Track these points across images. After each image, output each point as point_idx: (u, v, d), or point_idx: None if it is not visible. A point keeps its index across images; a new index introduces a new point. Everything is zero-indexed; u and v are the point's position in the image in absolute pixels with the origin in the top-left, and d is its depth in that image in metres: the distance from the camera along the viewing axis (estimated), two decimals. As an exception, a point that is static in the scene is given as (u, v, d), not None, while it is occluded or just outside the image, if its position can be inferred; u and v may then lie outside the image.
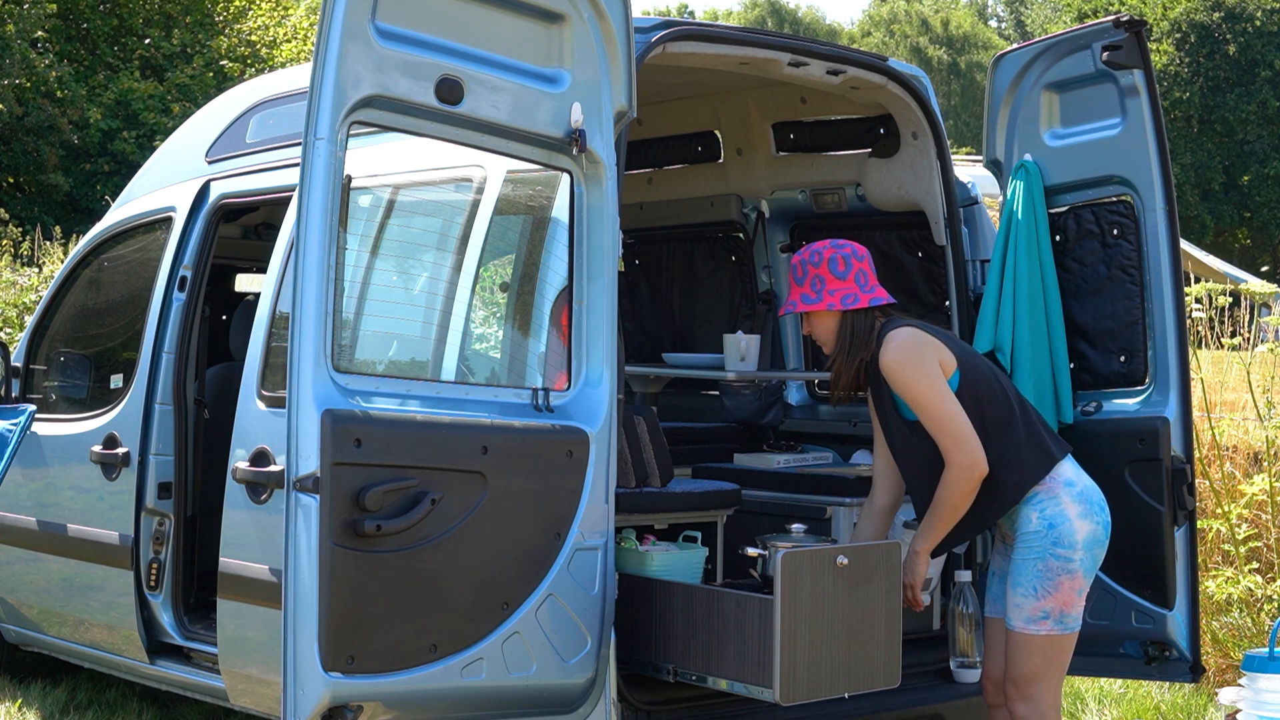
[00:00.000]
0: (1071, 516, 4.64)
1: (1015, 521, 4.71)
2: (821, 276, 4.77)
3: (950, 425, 4.60)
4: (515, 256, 5.00)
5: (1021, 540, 4.68)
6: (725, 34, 5.49)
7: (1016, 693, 4.72)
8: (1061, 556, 4.62)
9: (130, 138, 23.50)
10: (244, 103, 6.17)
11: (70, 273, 6.79)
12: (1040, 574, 4.63)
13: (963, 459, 4.59)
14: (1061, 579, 4.63)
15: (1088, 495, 4.69)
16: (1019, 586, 4.67)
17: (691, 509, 5.44)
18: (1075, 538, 4.63)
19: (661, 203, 7.26)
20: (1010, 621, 4.71)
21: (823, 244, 4.82)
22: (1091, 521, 4.66)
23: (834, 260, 4.77)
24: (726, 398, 7.08)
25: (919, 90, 5.84)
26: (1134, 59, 5.36)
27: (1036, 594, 4.64)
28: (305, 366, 4.06)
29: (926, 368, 4.63)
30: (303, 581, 4.00)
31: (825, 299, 4.76)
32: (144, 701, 6.78)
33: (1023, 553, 4.67)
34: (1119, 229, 5.46)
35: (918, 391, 4.62)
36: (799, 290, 4.81)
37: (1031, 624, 4.66)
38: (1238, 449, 7.95)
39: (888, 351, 4.67)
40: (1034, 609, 4.65)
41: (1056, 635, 4.67)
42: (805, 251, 4.82)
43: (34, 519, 6.43)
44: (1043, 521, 4.65)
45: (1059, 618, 4.65)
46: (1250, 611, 7.11)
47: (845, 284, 4.75)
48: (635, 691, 4.70)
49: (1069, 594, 4.64)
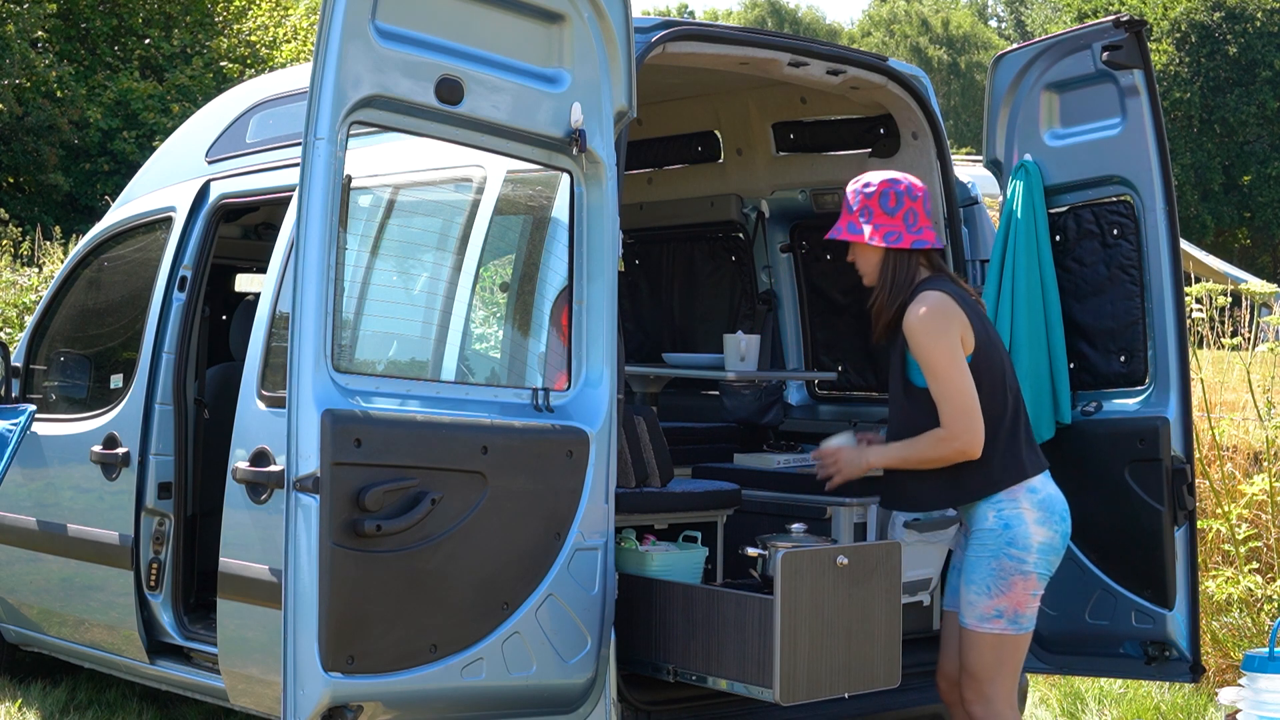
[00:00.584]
0: (1028, 520, 4.61)
1: (972, 516, 4.69)
2: (870, 209, 4.72)
3: (958, 397, 4.56)
4: (515, 256, 5.00)
5: (976, 537, 4.66)
6: (725, 34, 5.49)
7: (973, 694, 4.69)
8: (1015, 557, 4.60)
9: (130, 138, 23.50)
10: (244, 103, 6.17)
11: (70, 273, 6.79)
12: (994, 573, 4.61)
13: (961, 431, 4.56)
14: (1015, 579, 4.60)
15: (1049, 504, 4.65)
16: (972, 584, 4.65)
17: (691, 509, 5.43)
18: (1030, 541, 4.60)
19: (661, 203, 7.26)
20: (963, 618, 4.68)
21: (876, 175, 4.78)
22: (1049, 529, 4.63)
23: (885, 195, 4.71)
24: (726, 398, 7.08)
25: (919, 90, 5.85)
26: (1134, 59, 5.36)
27: (990, 592, 4.61)
28: (305, 366, 4.06)
29: (950, 337, 4.60)
30: (303, 581, 4.00)
31: (870, 234, 4.71)
32: (144, 701, 6.78)
33: (977, 550, 4.65)
34: (1119, 229, 5.46)
35: (935, 358, 4.58)
36: (847, 218, 4.76)
37: (985, 622, 4.63)
38: (1238, 449, 7.95)
39: (914, 312, 4.63)
40: (987, 607, 4.63)
41: (1010, 635, 4.64)
42: (858, 182, 4.78)
43: (34, 519, 6.43)
44: (999, 521, 4.62)
45: (1013, 617, 4.63)
46: (1250, 611, 7.11)
47: (893, 221, 4.70)
48: (635, 691, 4.70)
49: (1022, 594, 4.62)
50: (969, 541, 4.69)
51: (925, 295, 4.65)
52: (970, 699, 4.70)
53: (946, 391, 4.57)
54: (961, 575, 4.70)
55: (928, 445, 4.62)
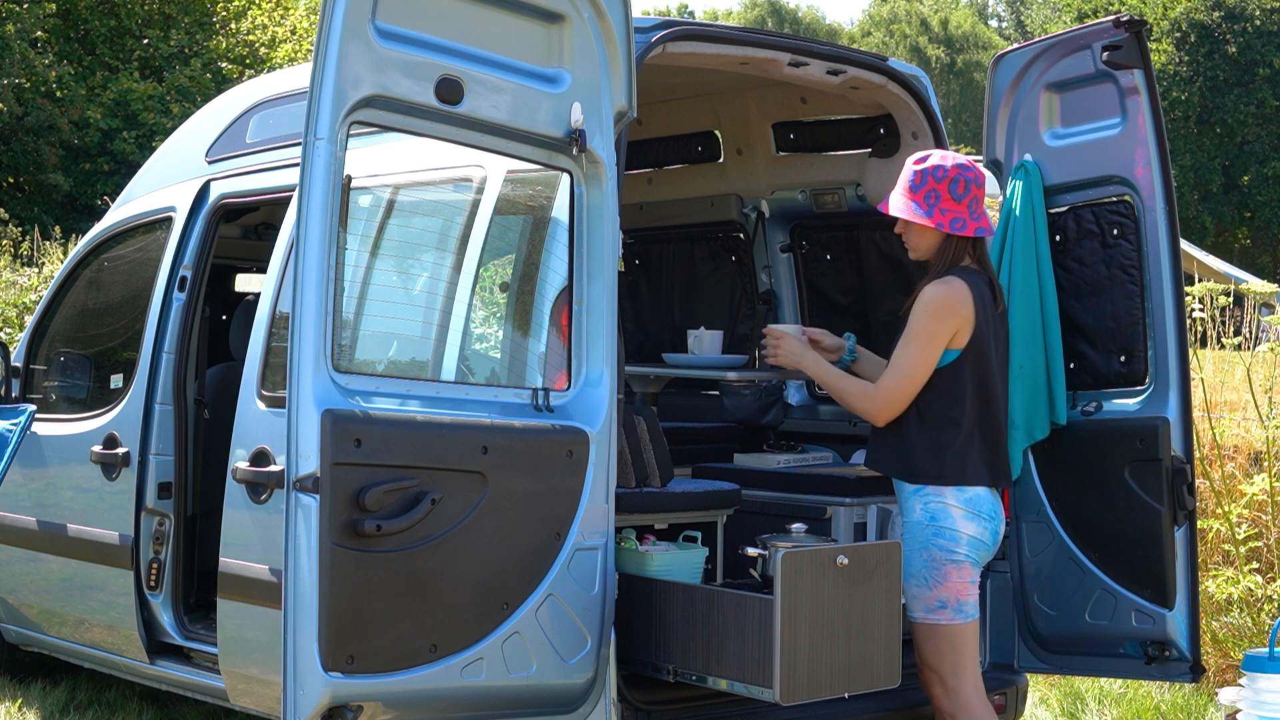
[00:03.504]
0: (955, 515, 4.75)
1: (903, 508, 4.85)
2: (938, 192, 4.80)
3: (905, 378, 4.76)
4: (515, 256, 5.00)
5: (907, 530, 4.81)
6: (725, 34, 5.49)
7: (938, 688, 4.81)
8: (944, 548, 4.73)
9: (130, 137, 23.51)
10: (244, 103, 6.17)
11: (70, 273, 6.79)
12: (927, 564, 4.74)
13: (884, 401, 4.78)
14: (948, 568, 4.73)
15: (976, 502, 4.79)
16: (911, 577, 4.77)
17: (691, 509, 5.43)
18: (959, 533, 4.74)
19: (661, 203, 7.25)
20: (911, 612, 4.80)
21: (948, 158, 4.86)
22: (978, 525, 4.77)
23: (955, 181, 4.80)
24: (726, 398, 7.08)
25: (919, 90, 5.84)
26: (1134, 59, 5.36)
27: (928, 584, 4.75)
28: (305, 366, 4.06)
29: (943, 329, 4.75)
30: (303, 581, 4.00)
31: (936, 216, 4.80)
32: (144, 701, 6.78)
33: (909, 543, 4.79)
34: (1119, 229, 5.46)
35: (917, 335, 4.75)
36: (911, 197, 4.84)
37: (931, 614, 4.77)
38: (1238, 449, 7.94)
39: (932, 288, 4.78)
40: (929, 599, 4.76)
41: (958, 624, 4.76)
42: (928, 163, 4.84)
43: (34, 519, 6.43)
44: (925, 514, 4.76)
45: (956, 606, 4.75)
46: (1250, 611, 7.11)
47: (959, 208, 4.81)
48: (635, 691, 4.70)
49: (959, 583, 4.74)
50: (903, 535, 4.83)
51: (952, 280, 4.79)
52: (936, 694, 4.83)
53: (902, 365, 4.77)
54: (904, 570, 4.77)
55: (853, 388, 4.88)
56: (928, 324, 4.75)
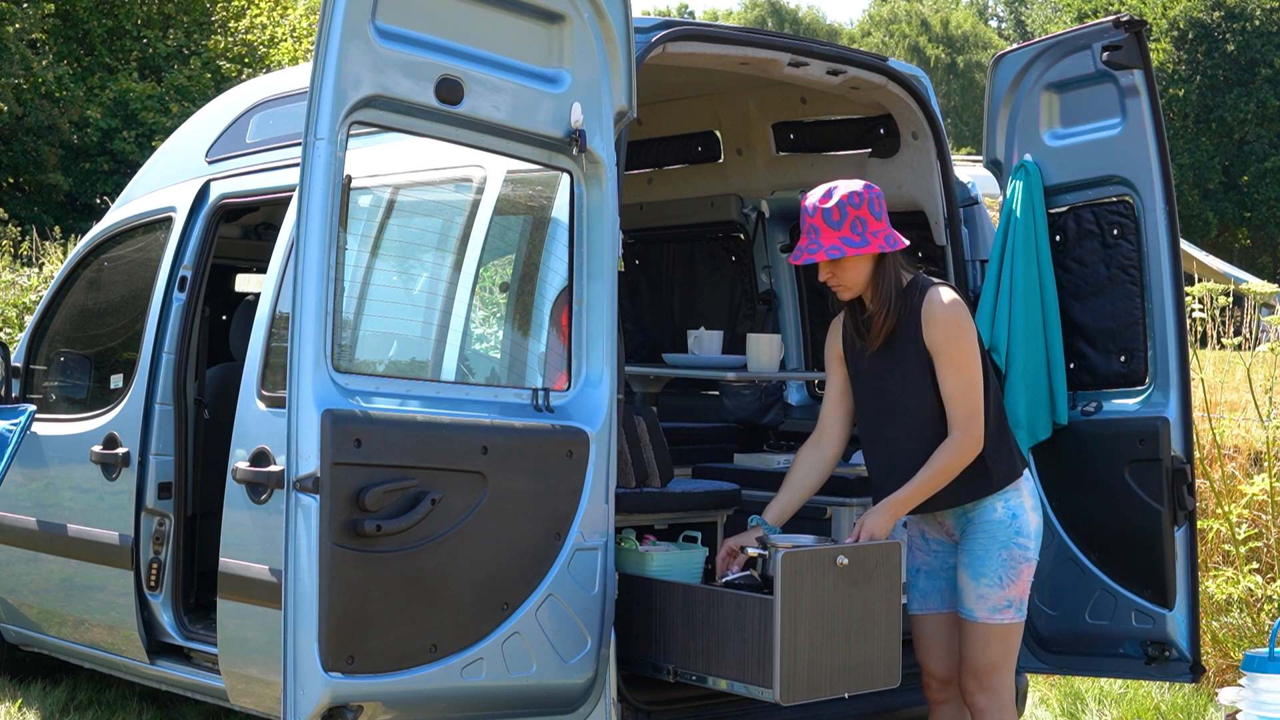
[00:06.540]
0: (1027, 508, 4.69)
1: (977, 511, 4.68)
2: (862, 219, 4.57)
3: (976, 395, 4.57)
4: (515, 256, 5.00)
5: (984, 530, 4.66)
6: (725, 34, 5.49)
7: (976, 685, 4.70)
8: (1022, 545, 4.66)
9: (130, 137, 23.50)
10: (244, 103, 6.16)
11: (70, 273, 6.79)
12: (1005, 563, 4.65)
13: (974, 431, 4.56)
14: (1023, 567, 4.66)
15: (1035, 490, 4.79)
16: (984, 577, 4.65)
17: (691, 509, 5.44)
18: (1030, 528, 4.69)
19: (661, 203, 7.26)
20: (973, 614, 4.68)
21: (847, 184, 4.61)
22: (1039, 515, 4.74)
23: (871, 201, 4.57)
24: (726, 398, 7.08)
25: (919, 90, 5.84)
26: (1134, 59, 5.36)
27: (1002, 583, 4.65)
28: (305, 366, 4.06)
29: (973, 336, 4.63)
30: (303, 581, 4.00)
31: (874, 241, 4.57)
32: (144, 701, 6.78)
33: (985, 543, 4.66)
34: (1119, 229, 5.46)
35: (966, 350, 4.57)
36: (836, 234, 4.54)
37: (996, 614, 4.67)
38: (1238, 449, 7.94)
39: (939, 301, 4.58)
40: (999, 598, 4.66)
41: (1018, 623, 4.71)
42: (836, 195, 4.56)
43: (34, 519, 6.43)
44: (1007, 511, 4.66)
45: (1020, 605, 4.69)
46: (1250, 611, 7.11)
47: (882, 224, 4.61)
48: (635, 691, 4.70)
49: (1026, 582, 4.70)
50: (970, 536, 4.69)
51: (940, 289, 4.63)
52: (973, 689, 4.71)
53: (966, 389, 4.56)
54: (964, 571, 4.70)
55: (954, 460, 4.56)
56: (967, 334, 4.59)
